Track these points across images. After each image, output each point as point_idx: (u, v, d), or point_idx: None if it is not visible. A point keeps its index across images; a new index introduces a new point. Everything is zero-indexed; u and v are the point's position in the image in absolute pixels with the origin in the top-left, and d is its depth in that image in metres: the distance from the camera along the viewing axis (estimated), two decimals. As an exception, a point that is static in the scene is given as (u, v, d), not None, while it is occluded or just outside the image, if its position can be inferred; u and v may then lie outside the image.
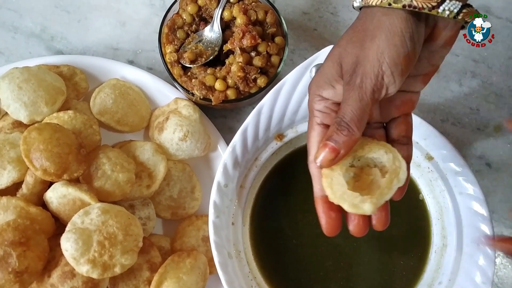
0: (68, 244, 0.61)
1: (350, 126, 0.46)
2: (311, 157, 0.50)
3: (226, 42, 0.73)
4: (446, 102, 0.84)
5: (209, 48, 0.74)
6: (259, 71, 0.72)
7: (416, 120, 0.67)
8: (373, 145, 0.50)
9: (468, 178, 0.66)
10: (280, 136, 0.69)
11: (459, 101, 0.84)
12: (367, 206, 0.46)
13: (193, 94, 0.73)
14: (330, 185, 0.48)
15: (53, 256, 0.65)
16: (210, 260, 0.71)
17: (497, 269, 0.77)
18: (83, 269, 0.61)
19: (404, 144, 0.53)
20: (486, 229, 0.65)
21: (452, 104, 0.84)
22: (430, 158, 0.68)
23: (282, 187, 0.73)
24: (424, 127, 0.67)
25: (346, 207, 0.47)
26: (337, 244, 0.71)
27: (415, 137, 0.68)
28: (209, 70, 0.72)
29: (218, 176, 0.66)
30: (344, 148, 0.47)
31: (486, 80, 0.84)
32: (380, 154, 0.49)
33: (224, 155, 0.66)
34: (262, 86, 0.72)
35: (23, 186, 0.68)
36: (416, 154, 0.69)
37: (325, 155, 0.47)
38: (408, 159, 0.52)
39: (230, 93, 0.71)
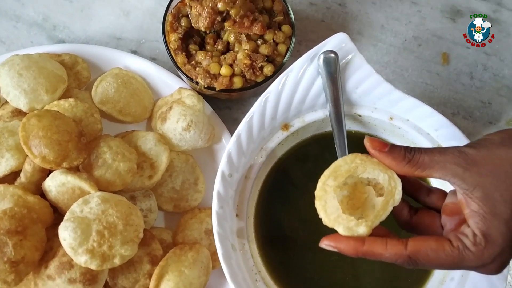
0: (66, 233, 0.59)
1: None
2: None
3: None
4: (457, 95, 0.82)
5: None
6: (265, 59, 0.70)
7: (427, 110, 0.65)
8: (368, 164, 0.49)
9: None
10: (286, 126, 0.67)
11: (470, 94, 0.82)
12: (362, 229, 0.46)
13: (197, 83, 0.71)
14: (323, 208, 0.48)
15: (50, 247, 0.63)
16: (213, 254, 0.69)
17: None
18: (81, 259, 0.59)
19: None
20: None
21: (463, 97, 0.82)
22: (441, 149, 0.66)
23: (288, 179, 0.70)
24: (435, 118, 0.65)
25: (340, 230, 0.47)
26: (345, 238, 0.68)
27: (425, 128, 0.66)
28: (214, 58, 0.70)
29: (222, 165, 0.63)
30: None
31: (498, 73, 0.82)
32: (375, 174, 0.48)
33: (228, 144, 0.64)
34: (269, 75, 0.70)
35: (21, 174, 0.66)
36: (427, 145, 0.67)
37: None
38: None
39: (237, 81, 0.70)
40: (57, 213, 0.66)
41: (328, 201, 0.48)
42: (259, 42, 0.71)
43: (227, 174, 0.64)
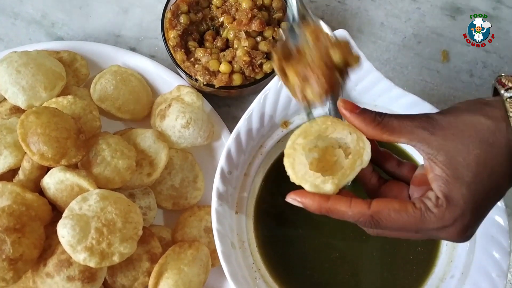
0: (64, 230, 0.59)
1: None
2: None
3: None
4: (457, 93, 0.81)
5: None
6: (265, 56, 0.70)
7: (427, 107, 0.64)
8: (338, 125, 0.49)
9: (481, 167, 0.63)
10: (286, 123, 0.67)
11: (470, 92, 0.81)
12: (328, 187, 0.46)
13: (196, 80, 0.70)
14: (292, 165, 0.48)
15: (49, 245, 0.63)
16: (213, 252, 0.68)
17: None
18: (80, 257, 0.59)
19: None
20: (500, 220, 0.62)
21: (463, 94, 0.81)
22: (441, 147, 0.66)
23: (287, 177, 0.70)
24: (435, 115, 0.65)
25: (307, 187, 0.47)
26: (344, 236, 0.68)
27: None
28: (213, 55, 0.70)
29: (222, 162, 0.63)
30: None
31: (497, 71, 0.82)
32: (344, 134, 0.49)
33: (228, 141, 0.64)
34: (268, 72, 0.70)
35: (20, 172, 0.65)
36: (427, 143, 0.67)
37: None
38: None
39: (236, 78, 0.69)
40: (56, 211, 0.66)
41: (296, 159, 0.48)
42: (259, 39, 0.71)
43: (226, 171, 0.64)
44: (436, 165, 0.46)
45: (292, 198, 0.49)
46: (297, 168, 0.48)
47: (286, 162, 0.49)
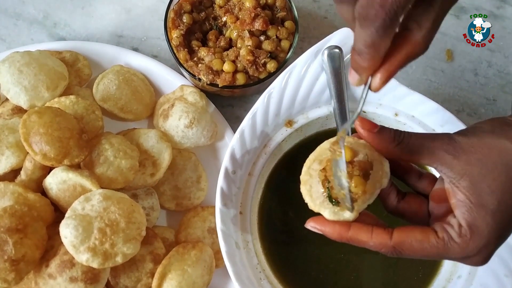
0: (67, 230, 0.58)
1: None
2: None
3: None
4: (461, 92, 0.81)
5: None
6: (268, 55, 0.69)
7: (432, 106, 0.64)
8: (355, 146, 0.47)
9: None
10: (290, 122, 0.67)
11: (475, 91, 0.81)
12: (348, 214, 0.45)
13: (199, 80, 0.70)
14: (309, 192, 0.47)
15: (51, 245, 0.62)
16: (216, 253, 0.68)
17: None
18: (83, 257, 0.58)
19: None
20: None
21: (468, 94, 0.81)
22: (447, 146, 0.65)
23: (292, 176, 0.69)
24: (440, 114, 0.64)
25: (326, 214, 0.46)
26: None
27: (431, 124, 0.65)
28: (216, 54, 0.70)
29: (226, 162, 0.63)
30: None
31: (502, 70, 0.82)
32: (361, 157, 0.46)
33: (232, 140, 0.64)
34: (272, 71, 0.69)
35: (22, 172, 0.65)
36: (432, 142, 0.66)
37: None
38: None
39: (240, 78, 0.69)
40: (58, 211, 0.65)
41: (313, 186, 0.47)
42: (262, 38, 0.70)
43: (230, 171, 0.63)
44: (459, 190, 0.44)
45: (311, 226, 0.48)
46: (315, 196, 0.46)
47: (303, 189, 0.47)
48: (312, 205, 0.47)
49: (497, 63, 0.82)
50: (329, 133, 0.69)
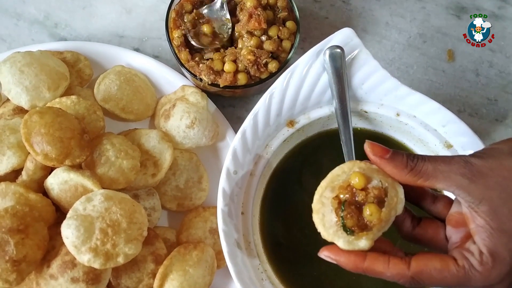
0: (69, 231, 0.58)
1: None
2: None
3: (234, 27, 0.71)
4: (462, 92, 0.81)
5: (222, 28, 0.72)
6: (270, 55, 0.69)
7: (434, 105, 0.64)
8: (367, 173, 0.46)
9: (490, 166, 0.62)
10: (292, 122, 0.66)
11: (476, 91, 0.81)
12: (363, 243, 0.44)
13: (201, 80, 0.70)
14: (322, 221, 0.46)
15: (53, 246, 0.62)
16: (218, 253, 0.68)
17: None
18: (85, 258, 0.58)
19: None
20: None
21: (469, 94, 0.81)
22: (449, 146, 0.65)
23: (294, 176, 0.69)
24: (442, 113, 0.64)
25: (340, 244, 0.44)
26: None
27: (433, 124, 0.65)
28: (216, 55, 0.70)
29: (227, 162, 0.63)
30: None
31: (503, 70, 0.82)
32: (374, 183, 0.45)
33: (234, 140, 0.63)
34: (273, 71, 0.69)
35: (23, 172, 0.65)
36: (434, 142, 0.66)
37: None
38: None
39: (241, 78, 0.69)
40: (60, 212, 0.65)
41: (326, 215, 0.45)
42: (264, 38, 0.70)
43: (232, 171, 0.63)
44: (478, 215, 0.43)
45: (325, 255, 0.46)
46: (328, 225, 0.45)
47: (316, 218, 0.46)
48: (326, 235, 0.45)
49: (498, 63, 0.82)
50: (331, 133, 0.69)
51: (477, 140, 0.63)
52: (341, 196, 0.45)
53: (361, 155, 0.66)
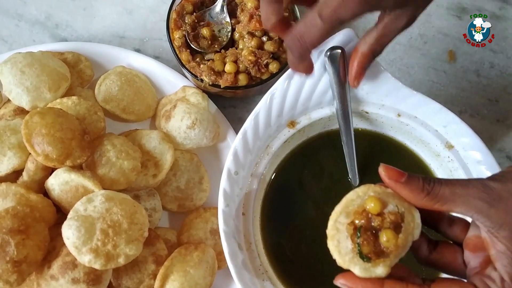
0: (69, 231, 0.58)
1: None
2: None
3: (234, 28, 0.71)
4: (464, 93, 0.81)
5: (222, 31, 0.72)
6: (271, 56, 0.69)
7: (435, 106, 0.64)
8: (383, 197, 0.45)
9: (491, 166, 0.62)
10: (293, 123, 0.66)
11: (478, 92, 0.81)
12: (380, 270, 0.43)
13: (202, 80, 0.70)
14: (337, 248, 0.44)
15: (53, 247, 0.62)
16: (219, 254, 0.68)
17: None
18: (85, 258, 0.58)
19: None
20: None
21: (470, 95, 0.81)
22: (450, 146, 0.65)
23: (295, 177, 0.69)
24: (443, 114, 0.64)
25: (357, 271, 0.43)
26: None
27: (434, 125, 0.65)
28: (217, 55, 0.70)
29: (228, 163, 0.62)
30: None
31: (505, 71, 0.81)
32: (390, 208, 0.44)
33: (234, 141, 0.63)
34: (274, 72, 0.69)
35: (24, 173, 0.65)
36: (435, 142, 0.66)
37: None
38: None
39: (242, 78, 0.69)
40: (60, 212, 0.65)
41: (341, 241, 0.44)
42: (264, 39, 0.70)
43: (233, 171, 0.63)
44: (498, 240, 0.42)
45: (341, 283, 0.45)
46: (343, 252, 0.44)
47: (331, 245, 0.44)
48: (341, 262, 0.44)
49: (500, 64, 0.82)
50: (332, 134, 0.69)
51: (479, 140, 0.63)
52: (357, 221, 0.44)
53: (362, 155, 0.67)
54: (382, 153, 0.70)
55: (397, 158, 0.70)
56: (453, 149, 0.65)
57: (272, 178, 0.68)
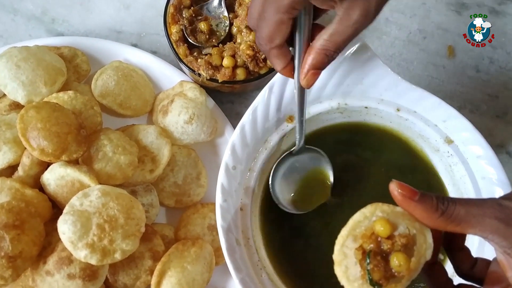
0: (65, 226, 0.57)
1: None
2: None
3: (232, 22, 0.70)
4: (463, 89, 0.80)
5: (219, 26, 0.71)
6: (269, 50, 0.69)
7: (435, 101, 0.63)
8: (392, 217, 0.43)
9: (491, 161, 0.62)
10: (291, 118, 0.66)
11: (477, 88, 0.80)
12: None
13: (199, 75, 0.69)
14: (345, 274, 0.42)
15: (49, 242, 0.61)
16: (216, 250, 0.67)
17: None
18: (81, 254, 0.57)
19: None
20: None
21: (470, 90, 0.80)
22: (449, 141, 0.65)
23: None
24: (443, 108, 0.63)
25: None
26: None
27: (433, 119, 0.64)
28: (215, 49, 0.69)
29: (226, 157, 0.62)
30: None
31: (504, 66, 0.81)
32: (401, 230, 0.42)
33: (232, 135, 0.63)
34: (272, 66, 0.69)
35: (19, 168, 0.64)
36: (434, 137, 0.65)
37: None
38: None
39: (240, 73, 0.68)
40: (56, 208, 0.64)
41: (349, 267, 0.42)
42: (263, 33, 0.69)
43: (231, 166, 0.62)
44: None
45: None
46: (352, 278, 0.41)
47: (338, 271, 0.42)
48: None
49: (499, 60, 0.81)
50: (330, 129, 0.69)
51: (478, 135, 0.62)
52: (365, 246, 0.42)
53: (360, 148, 0.66)
54: (381, 148, 0.70)
55: (397, 154, 0.70)
56: (452, 144, 0.65)
57: (271, 173, 0.67)
